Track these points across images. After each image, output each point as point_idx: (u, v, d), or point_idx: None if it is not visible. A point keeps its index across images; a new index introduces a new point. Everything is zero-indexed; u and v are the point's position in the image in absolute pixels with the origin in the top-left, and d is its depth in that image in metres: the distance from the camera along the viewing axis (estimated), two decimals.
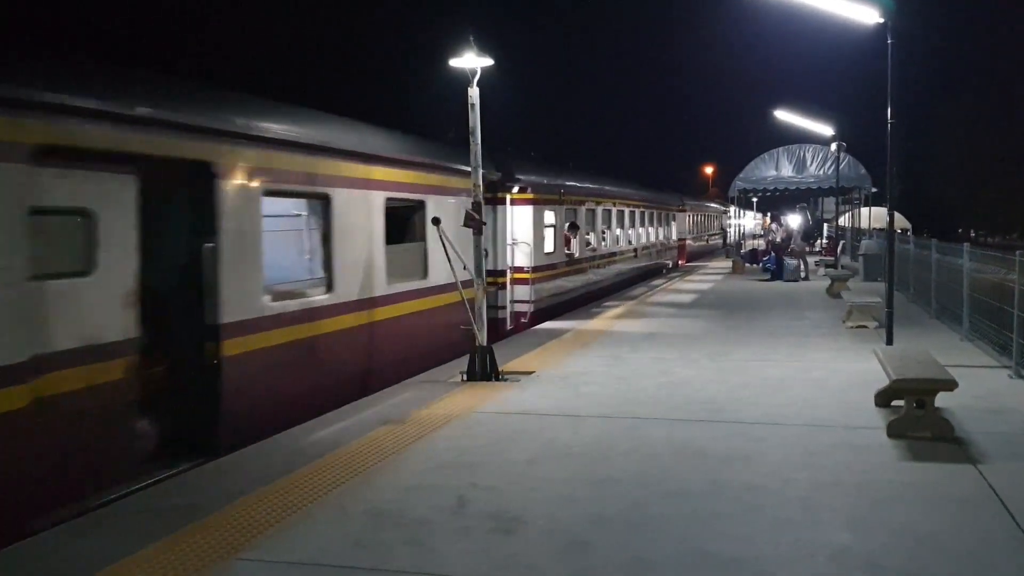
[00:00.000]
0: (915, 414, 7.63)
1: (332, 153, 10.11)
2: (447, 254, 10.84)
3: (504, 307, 15.71)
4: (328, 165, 10.02)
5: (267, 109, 9.39)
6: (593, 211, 21.97)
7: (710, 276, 28.92)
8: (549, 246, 17.91)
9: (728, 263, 34.05)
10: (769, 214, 73.26)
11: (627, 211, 25.95)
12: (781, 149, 35.73)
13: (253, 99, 9.41)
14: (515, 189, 16.00)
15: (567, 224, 19.32)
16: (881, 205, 34.21)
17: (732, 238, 46.45)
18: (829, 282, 21.34)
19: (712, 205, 55.04)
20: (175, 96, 7.95)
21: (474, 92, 10.43)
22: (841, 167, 31.23)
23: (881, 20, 11.42)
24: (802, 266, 26.06)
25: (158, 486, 6.64)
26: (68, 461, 6.44)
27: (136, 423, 7.26)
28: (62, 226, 6.71)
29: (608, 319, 16.53)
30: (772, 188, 36.79)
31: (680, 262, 36.78)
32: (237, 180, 8.39)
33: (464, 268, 11.07)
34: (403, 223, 12.30)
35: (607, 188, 24.10)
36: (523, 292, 16.12)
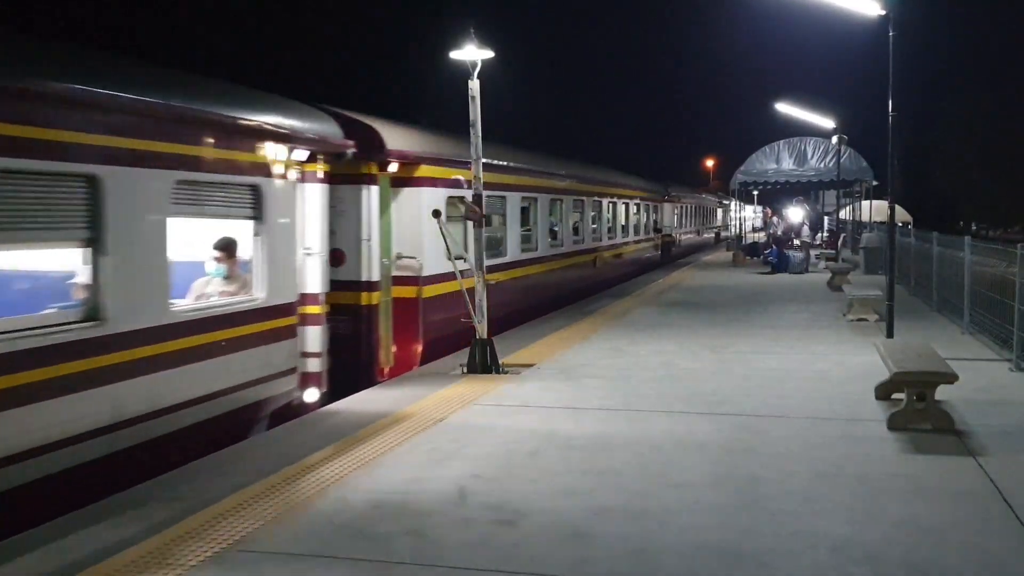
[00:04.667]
0: (916, 407, 7.64)
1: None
2: (447, 247, 10.84)
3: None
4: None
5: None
6: None
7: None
8: None
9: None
10: (769, 208, 72.93)
11: None
12: (782, 142, 35.76)
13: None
14: None
15: None
16: (883, 198, 34.20)
17: (733, 232, 45.62)
18: (830, 275, 21.35)
19: (620, 182, 25.31)
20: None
21: (474, 84, 10.41)
22: (842, 160, 31.24)
23: (883, 12, 11.41)
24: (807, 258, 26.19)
25: (161, 477, 6.65)
26: None
27: None
28: None
29: (606, 314, 16.52)
30: (773, 181, 36.81)
31: (413, 352, 11.53)
32: None
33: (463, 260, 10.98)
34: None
35: None
36: None
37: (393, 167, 11.18)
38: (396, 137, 11.46)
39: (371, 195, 10.74)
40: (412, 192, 11.77)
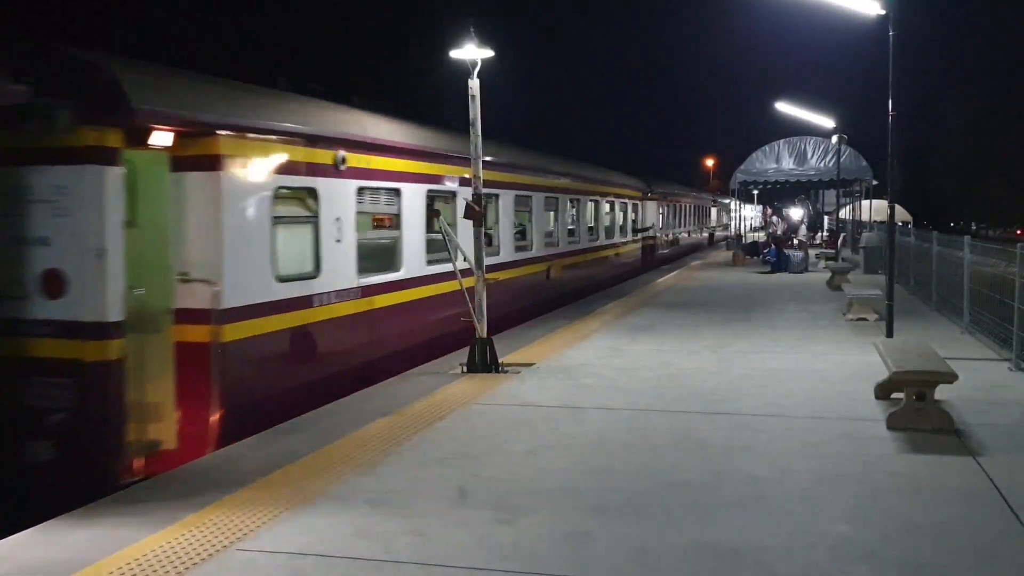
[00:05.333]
0: (915, 406, 7.64)
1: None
2: (447, 244, 10.83)
3: None
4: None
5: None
6: None
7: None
8: None
9: None
10: (768, 207, 72.83)
11: None
12: (782, 141, 35.73)
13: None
14: None
15: None
16: (882, 198, 34.20)
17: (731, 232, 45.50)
18: (829, 275, 21.35)
19: (586, 176, 21.50)
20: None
21: (474, 83, 10.41)
22: (842, 159, 31.21)
23: (883, 12, 11.41)
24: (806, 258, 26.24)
25: (160, 476, 6.65)
26: None
27: None
28: None
29: (601, 311, 16.51)
30: (773, 180, 36.80)
31: (203, 425, 7.72)
32: None
33: (464, 259, 11.06)
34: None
35: None
36: None
37: (161, 138, 7.25)
38: (159, 90, 7.36)
39: (109, 182, 6.73)
40: (205, 179, 7.71)
